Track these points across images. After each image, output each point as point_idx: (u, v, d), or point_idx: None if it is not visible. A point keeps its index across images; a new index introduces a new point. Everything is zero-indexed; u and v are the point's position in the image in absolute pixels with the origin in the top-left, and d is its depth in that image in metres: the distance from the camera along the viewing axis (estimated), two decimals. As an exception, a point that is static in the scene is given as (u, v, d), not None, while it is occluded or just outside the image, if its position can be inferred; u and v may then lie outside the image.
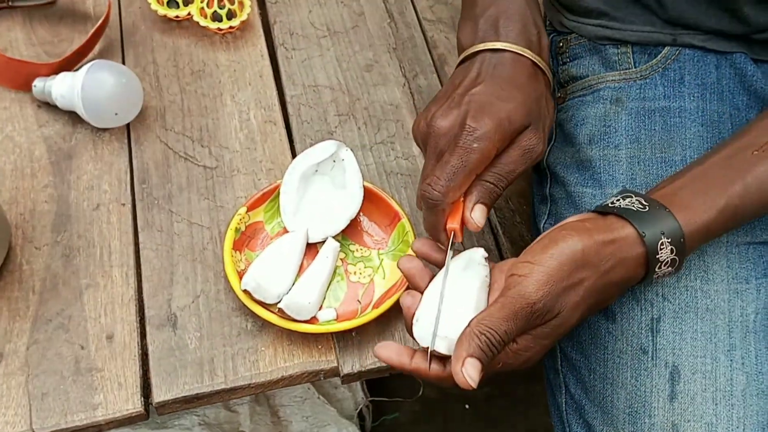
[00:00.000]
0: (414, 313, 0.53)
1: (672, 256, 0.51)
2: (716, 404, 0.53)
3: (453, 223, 0.56)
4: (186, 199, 0.72)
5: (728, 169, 0.52)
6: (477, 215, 0.56)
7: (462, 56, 0.62)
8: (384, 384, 1.17)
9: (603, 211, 0.53)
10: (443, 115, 0.57)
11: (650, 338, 0.55)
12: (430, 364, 0.51)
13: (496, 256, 0.71)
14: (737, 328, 0.55)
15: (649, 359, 0.55)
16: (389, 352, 0.52)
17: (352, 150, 0.76)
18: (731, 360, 0.54)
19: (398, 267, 0.57)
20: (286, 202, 0.68)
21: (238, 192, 0.73)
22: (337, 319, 0.64)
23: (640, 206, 0.51)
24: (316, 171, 0.70)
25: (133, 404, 0.61)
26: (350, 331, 0.64)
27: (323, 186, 0.70)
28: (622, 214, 0.51)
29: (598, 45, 0.65)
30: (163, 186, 0.73)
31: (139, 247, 0.69)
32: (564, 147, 0.65)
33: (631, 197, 0.53)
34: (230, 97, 0.80)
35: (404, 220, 0.68)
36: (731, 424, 0.53)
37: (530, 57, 0.60)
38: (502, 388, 1.20)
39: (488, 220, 0.73)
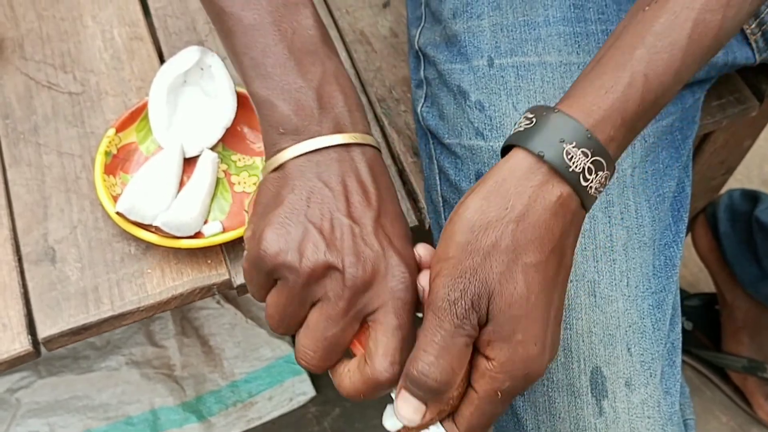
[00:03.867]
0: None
1: (589, 160, 0.41)
2: (597, 261, 0.53)
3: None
4: (53, 130, 0.68)
5: (623, 39, 0.44)
6: None
7: (297, 151, 0.45)
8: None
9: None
10: (355, 260, 0.43)
11: (527, 205, 0.54)
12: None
13: (384, 147, 0.70)
14: (613, 185, 0.55)
15: (529, 226, 0.54)
16: None
17: (225, 57, 0.72)
18: (609, 216, 0.54)
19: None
20: (156, 117, 0.65)
21: (108, 115, 0.69)
22: (224, 231, 0.62)
23: (527, 122, 0.43)
24: (185, 81, 0.66)
25: (20, 343, 0.59)
26: (239, 241, 0.63)
27: (194, 97, 0.67)
28: (512, 142, 0.43)
29: None
30: (28, 119, 0.69)
31: (8, 185, 0.66)
32: (433, 26, 0.63)
33: (521, 119, 0.44)
34: (91, 18, 0.75)
35: (284, 123, 0.66)
36: (614, 279, 0.53)
37: (378, 146, 0.49)
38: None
39: (373, 111, 0.72)
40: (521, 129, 0.43)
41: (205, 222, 0.63)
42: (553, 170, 0.41)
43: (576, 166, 0.41)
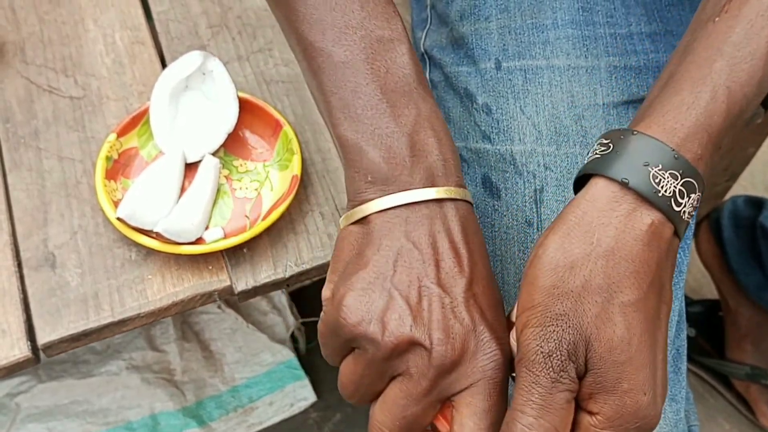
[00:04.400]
0: None
1: (679, 183, 0.38)
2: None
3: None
4: (54, 134, 0.68)
5: (696, 53, 0.41)
6: None
7: (385, 204, 0.42)
8: (315, 305, 1.16)
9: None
10: (443, 337, 0.39)
11: (534, 210, 0.54)
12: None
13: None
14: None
15: (535, 231, 0.54)
16: None
17: (227, 62, 0.72)
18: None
19: None
20: (157, 122, 0.64)
21: (110, 120, 0.69)
22: (225, 237, 0.62)
23: (603, 148, 0.40)
24: (187, 86, 0.66)
25: (19, 349, 0.58)
26: (240, 247, 0.62)
27: (196, 102, 0.66)
28: (590, 170, 0.40)
29: None
30: (29, 123, 0.68)
31: (8, 190, 0.65)
32: (439, 28, 0.62)
33: (594, 145, 0.41)
34: (92, 22, 0.75)
35: (287, 128, 0.65)
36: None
37: (471, 201, 0.45)
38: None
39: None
40: (598, 156, 0.40)
41: (207, 228, 0.62)
42: (640, 197, 0.38)
43: (666, 190, 0.38)
